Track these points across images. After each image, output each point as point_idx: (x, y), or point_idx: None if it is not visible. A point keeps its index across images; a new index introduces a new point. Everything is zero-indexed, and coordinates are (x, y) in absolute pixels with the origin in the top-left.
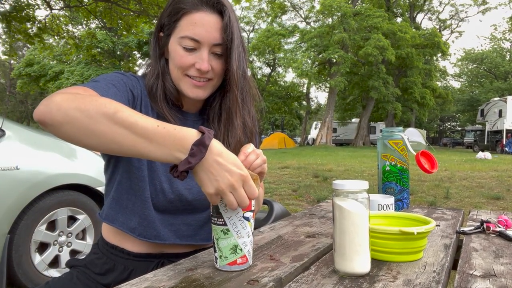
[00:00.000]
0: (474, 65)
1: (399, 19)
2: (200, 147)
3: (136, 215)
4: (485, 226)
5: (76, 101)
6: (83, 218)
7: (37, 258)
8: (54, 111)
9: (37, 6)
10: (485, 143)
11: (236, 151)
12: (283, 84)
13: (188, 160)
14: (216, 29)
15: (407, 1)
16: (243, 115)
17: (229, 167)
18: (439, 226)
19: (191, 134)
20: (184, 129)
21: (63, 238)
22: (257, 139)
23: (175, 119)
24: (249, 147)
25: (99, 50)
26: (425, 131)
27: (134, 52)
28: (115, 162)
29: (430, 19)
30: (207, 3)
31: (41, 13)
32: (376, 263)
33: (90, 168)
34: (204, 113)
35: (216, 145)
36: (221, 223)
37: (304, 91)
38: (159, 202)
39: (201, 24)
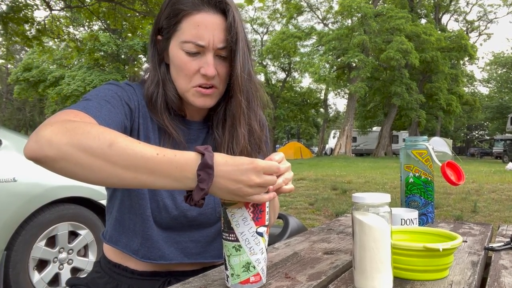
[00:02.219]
0: (504, 70)
1: (423, 21)
2: (206, 169)
3: (138, 236)
4: None
5: (68, 135)
6: (85, 234)
7: (35, 276)
8: (45, 148)
9: (35, 7)
10: None
11: None
12: (299, 90)
13: (200, 188)
14: (220, 30)
15: (432, 2)
16: (250, 121)
17: (241, 169)
18: (466, 242)
19: (192, 159)
20: (185, 154)
21: (63, 255)
22: (268, 146)
23: (177, 130)
24: (278, 155)
25: (102, 53)
26: (451, 140)
27: (139, 56)
28: None
29: (456, 20)
30: (209, 3)
31: (40, 14)
32: (399, 281)
33: None
34: (209, 119)
35: (218, 159)
36: (232, 238)
37: (322, 97)
38: (162, 220)
39: (204, 27)
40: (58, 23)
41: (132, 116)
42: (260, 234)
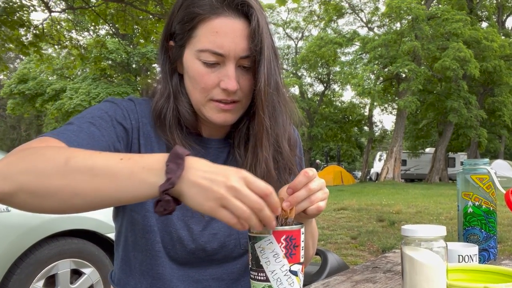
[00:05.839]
0: None
1: (484, 24)
2: (176, 160)
3: (147, 276)
4: None
5: (21, 162)
6: (89, 273)
7: None
8: (0, 183)
9: (32, 8)
10: None
11: None
12: (339, 105)
13: (167, 178)
14: (243, 37)
15: (495, 2)
16: (276, 140)
17: (220, 170)
18: None
19: (162, 156)
20: (155, 154)
21: None
22: (302, 168)
23: (190, 150)
24: (312, 169)
25: (110, 62)
26: None
27: (153, 65)
28: (123, 210)
29: None
30: (229, 6)
31: (38, 17)
32: None
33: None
34: (231, 137)
35: (195, 158)
36: (262, 278)
37: (366, 113)
38: (178, 254)
39: (224, 33)
40: (58, 27)
41: (128, 137)
42: (294, 273)
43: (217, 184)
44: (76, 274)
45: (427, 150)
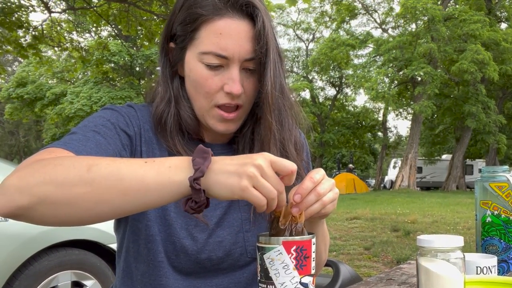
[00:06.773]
0: None
1: (503, 25)
2: (202, 154)
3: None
4: None
5: (37, 174)
6: (91, 285)
7: None
8: (16, 197)
9: (31, 9)
10: None
11: None
12: (352, 109)
13: (195, 168)
14: (248, 39)
15: None
16: (283, 144)
17: (244, 156)
18: None
19: (187, 156)
20: (179, 157)
21: None
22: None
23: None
24: (318, 172)
25: (112, 65)
26: None
27: (158, 68)
28: (125, 220)
29: None
30: (233, 6)
31: (37, 17)
32: None
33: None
34: (234, 141)
35: (218, 156)
36: None
37: (380, 118)
38: (182, 264)
39: (228, 35)
40: (58, 28)
41: (132, 144)
42: (305, 285)
43: (245, 165)
44: (77, 286)
45: (444, 156)
